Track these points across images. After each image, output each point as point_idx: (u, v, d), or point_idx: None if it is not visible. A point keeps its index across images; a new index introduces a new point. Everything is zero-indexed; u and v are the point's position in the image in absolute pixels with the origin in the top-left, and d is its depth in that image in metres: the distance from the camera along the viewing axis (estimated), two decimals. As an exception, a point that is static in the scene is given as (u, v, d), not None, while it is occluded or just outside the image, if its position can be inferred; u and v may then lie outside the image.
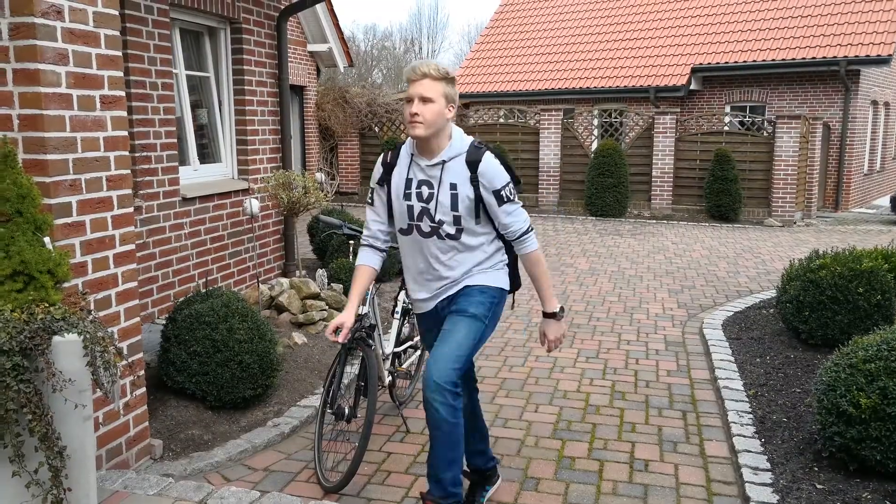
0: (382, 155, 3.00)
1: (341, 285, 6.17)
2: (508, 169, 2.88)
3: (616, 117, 14.47)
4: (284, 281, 5.95)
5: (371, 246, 3.08)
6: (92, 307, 3.05)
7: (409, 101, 2.77)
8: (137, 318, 3.39)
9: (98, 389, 2.54)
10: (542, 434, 4.02)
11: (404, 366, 4.27)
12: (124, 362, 2.69)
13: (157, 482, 3.00)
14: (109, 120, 3.13)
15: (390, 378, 4.08)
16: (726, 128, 13.85)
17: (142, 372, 3.46)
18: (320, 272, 6.29)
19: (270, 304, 5.82)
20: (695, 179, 13.73)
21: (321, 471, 3.40)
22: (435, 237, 2.90)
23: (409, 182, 2.89)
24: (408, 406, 4.37)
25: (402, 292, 4.09)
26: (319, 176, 7.78)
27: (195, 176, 5.80)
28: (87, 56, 2.98)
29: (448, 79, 2.79)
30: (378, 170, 2.99)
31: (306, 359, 4.99)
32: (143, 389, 3.47)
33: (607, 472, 3.57)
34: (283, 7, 6.57)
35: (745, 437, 3.86)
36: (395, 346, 4.13)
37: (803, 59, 14.99)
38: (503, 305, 3.02)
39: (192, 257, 5.55)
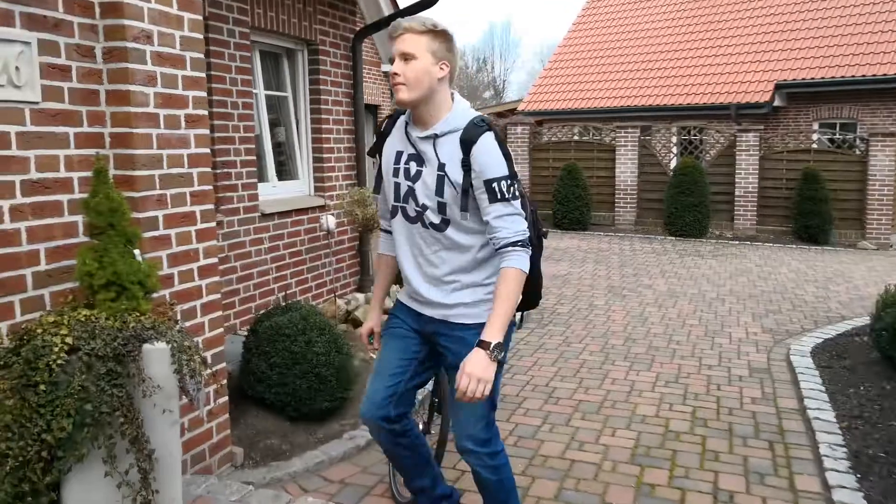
0: (379, 122, 2.69)
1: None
2: (508, 159, 2.40)
3: (696, 135, 14.08)
4: (360, 296, 6.00)
5: (386, 231, 2.73)
6: (179, 317, 3.13)
7: (392, 62, 2.42)
8: (221, 329, 3.47)
9: (184, 396, 2.61)
10: (620, 459, 3.88)
11: None
12: (209, 371, 2.76)
13: (238, 489, 3.06)
14: (193, 138, 3.22)
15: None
16: (814, 146, 13.27)
17: (225, 381, 3.53)
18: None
19: (347, 318, 5.88)
20: (781, 199, 13.15)
21: (395, 486, 3.39)
22: (420, 224, 2.49)
23: (398, 156, 2.51)
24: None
25: None
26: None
27: (274, 192, 5.93)
28: (173, 77, 3.08)
29: (435, 32, 2.37)
30: (372, 138, 2.64)
31: (379, 375, 4.99)
32: (226, 398, 3.54)
33: (689, 502, 3.40)
34: (358, 29, 6.70)
35: (838, 471, 3.63)
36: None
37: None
38: (512, 334, 2.51)
39: (271, 271, 5.66)
